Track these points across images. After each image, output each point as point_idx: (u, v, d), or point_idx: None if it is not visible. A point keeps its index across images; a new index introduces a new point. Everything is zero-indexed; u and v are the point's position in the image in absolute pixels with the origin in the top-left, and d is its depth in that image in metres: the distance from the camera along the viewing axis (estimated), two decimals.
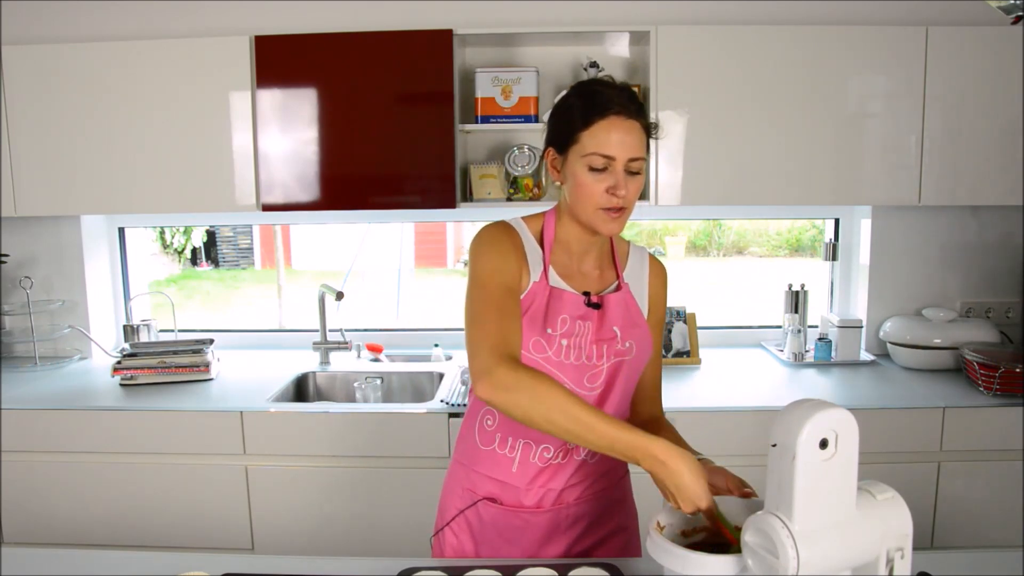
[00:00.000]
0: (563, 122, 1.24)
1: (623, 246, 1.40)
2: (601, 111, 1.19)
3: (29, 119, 2.38)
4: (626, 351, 1.30)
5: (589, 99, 1.21)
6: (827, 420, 0.84)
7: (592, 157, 1.20)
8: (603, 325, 1.28)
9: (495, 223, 1.30)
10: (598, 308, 1.29)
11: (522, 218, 1.34)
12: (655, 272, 1.40)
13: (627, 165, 1.20)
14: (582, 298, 1.28)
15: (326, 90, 2.34)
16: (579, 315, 1.27)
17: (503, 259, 1.24)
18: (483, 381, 1.10)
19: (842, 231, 2.79)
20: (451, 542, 1.36)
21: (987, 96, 2.26)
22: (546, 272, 1.28)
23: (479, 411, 1.33)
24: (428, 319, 5.76)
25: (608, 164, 1.20)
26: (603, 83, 1.24)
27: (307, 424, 2.17)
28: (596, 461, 1.33)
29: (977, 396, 2.20)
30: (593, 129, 1.20)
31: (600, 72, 2.42)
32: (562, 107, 1.26)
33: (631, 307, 1.33)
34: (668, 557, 0.95)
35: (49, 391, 2.37)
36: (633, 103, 1.22)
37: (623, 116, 1.20)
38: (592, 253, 1.33)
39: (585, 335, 1.27)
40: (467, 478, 1.35)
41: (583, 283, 1.31)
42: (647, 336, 1.34)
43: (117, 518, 2.22)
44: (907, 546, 0.89)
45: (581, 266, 1.32)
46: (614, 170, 1.20)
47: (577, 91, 1.26)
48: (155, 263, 6.73)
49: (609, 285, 1.34)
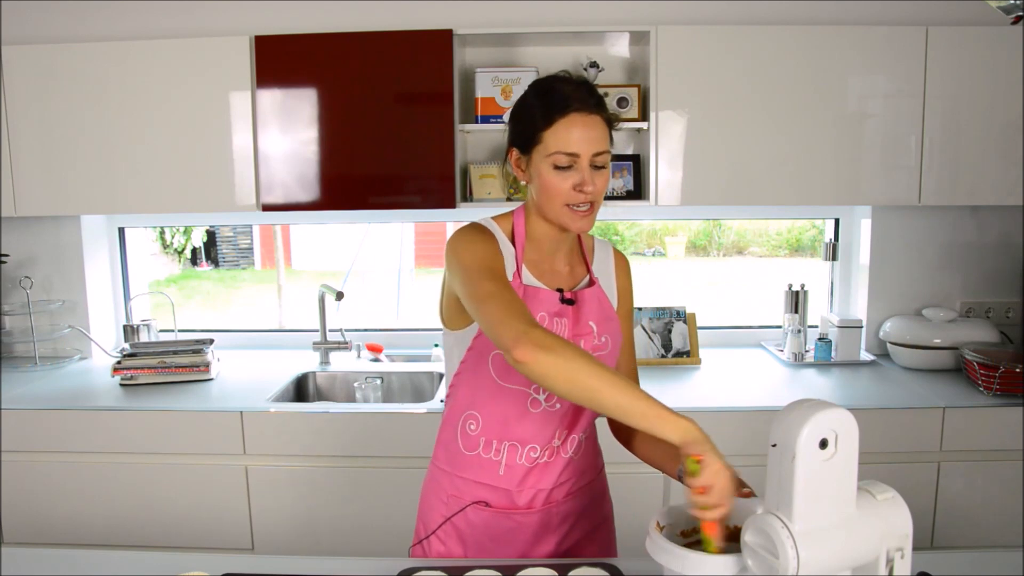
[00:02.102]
0: (524, 122, 1.23)
1: (589, 241, 1.40)
2: (561, 109, 1.18)
3: (29, 119, 2.38)
4: (602, 345, 1.31)
5: (548, 97, 1.20)
6: (827, 420, 0.84)
7: (556, 156, 1.19)
8: (579, 321, 1.29)
9: (469, 225, 1.29)
10: (572, 304, 1.29)
11: (491, 218, 1.33)
12: (619, 264, 1.41)
13: (592, 160, 1.20)
14: (556, 295, 1.28)
15: (326, 90, 2.34)
16: (555, 312, 1.27)
17: (487, 247, 1.24)
18: (521, 343, 1.02)
19: (842, 231, 2.79)
20: (439, 550, 1.35)
21: (987, 96, 2.26)
22: (519, 271, 1.28)
23: (460, 415, 1.32)
24: (428, 319, 5.75)
25: (573, 161, 1.19)
26: (560, 79, 1.23)
27: (307, 424, 2.17)
28: (580, 456, 1.34)
29: (977, 396, 2.20)
30: (555, 128, 1.19)
31: (600, 72, 2.42)
32: (522, 107, 1.25)
33: (603, 301, 1.34)
34: (668, 557, 0.95)
35: (49, 391, 2.37)
36: (592, 96, 1.21)
37: (584, 112, 1.19)
38: (562, 251, 1.33)
39: (563, 331, 1.27)
40: (451, 484, 1.34)
41: (555, 280, 1.31)
42: (618, 329, 1.35)
43: (117, 518, 2.22)
44: (907, 546, 0.89)
45: (552, 264, 1.32)
46: (579, 167, 1.19)
47: (535, 90, 1.24)
48: (155, 263, 6.73)
49: (580, 281, 1.34)
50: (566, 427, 1.30)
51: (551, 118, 1.19)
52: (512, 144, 1.27)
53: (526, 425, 1.28)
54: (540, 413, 1.28)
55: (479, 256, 1.22)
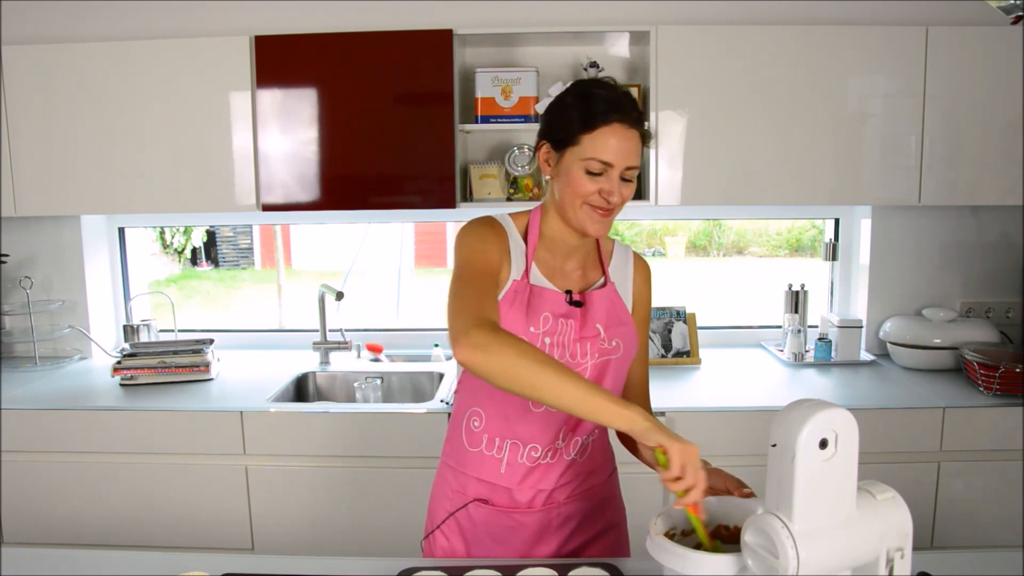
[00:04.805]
0: (564, 120, 1.23)
1: (608, 244, 1.40)
2: (604, 116, 1.19)
3: (29, 119, 2.38)
4: (613, 349, 1.30)
5: (593, 102, 1.21)
6: (827, 420, 0.84)
7: (591, 162, 1.20)
8: (586, 323, 1.29)
9: (481, 217, 1.31)
10: (580, 306, 1.29)
11: (509, 215, 1.34)
12: (639, 269, 1.40)
13: (623, 172, 1.21)
14: (564, 296, 1.28)
15: (326, 90, 2.34)
16: (561, 313, 1.27)
17: (483, 245, 1.25)
18: (459, 342, 1.07)
19: (842, 231, 2.79)
20: (442, 544, 1.36)
21: (987, 96, 2.26)
22: (528, 270, 1.28)
23: (465, 412, 1.33)
24: (428, 319, 5.75)
25: (605, 169, 1.20)
26: (608, 86, 1.24)
27: (307, 424, 2.17)
28: (585, 459, 1.33)
29: (977, 396, 2.20)
30: (596, 134, 1.19)
31: (600, 72, 2.42)
32: (564, 104, 1.25)
33: (616, 304, 1.33)
34: (668, 556, 0.95)
35: (49, 391, 2.37)
36: (635, 111, 1.22)
37: (626, 124, 1.20)
38: (577, 254, 1.33)
39: (568, 333, 1.27)
40: (456, 480, 1.35)
41: (565, 282, 1.31)
42: (633, 333, 1.34)
43: (117, 518, 2.22)
44: (907, 546, 0.89)
45: (564, 265, 1.33)
46: (610, 176, 1.21)
47: (581, 90, 1.24)
48: (155, 263, 6.73)
49: (592, 284, 1.34)
50: (570, 428, 1.29)
51: (593, 123, 1.19)
52: (545, 138, 1.28)
53: (528, 424, 1.28)
54: (542, 413, 1.27)
55: (470, 252, 1.24)
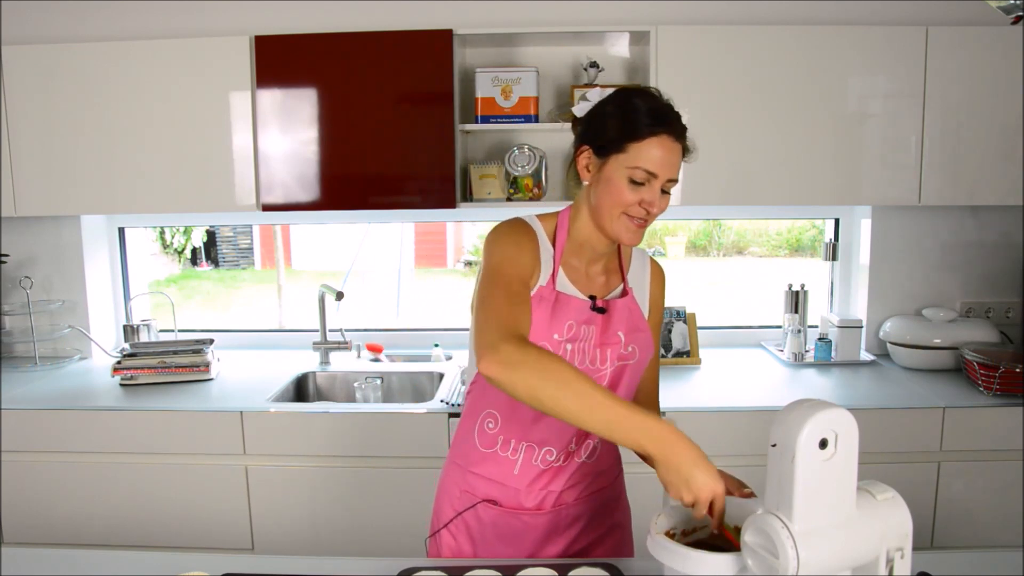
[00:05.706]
0: (610, 127, 1.22)
1: (627, 249, 1.40)
2: (654, 127, 1.19)
3: (29, 119, 2.38)
4: (629, 355, 1.30)
5: (643, 111, 1.20)
6: (827, 420, 0.84)
7: (636, 171, 1.20)
8: (607, 329, 1.29)
9: (513, 219, 1.30)
10: (603, 312, 1.29)
11: (536, 216, 1.34)
12: (655, 275, 1.41)
13: (664, 184, 1.22)
14: (588, 303, 1.28)
15: (326, 90, 2.34)
16: (584, 319, 1.27)
17: (518, 250, 1.24)
18: (487, 357, 1.05)
19: (842, 231, 2.79)
20: (449, 544, 1.36)
21: (987, 96, 2.26)
22: (555, 275, 1.28)
23: (480, 413, 1.33)
24: (428, 319, 5.76)
25: (648, 179, 1.20)
26: (657, 97, 1.24)
27: (307, 424, 2.17)
28: (594, 460, 1.33)
29: (977, 396, 2.20)
30: (645, 143, 1.19)
31: (600, 72, 2.42)
32: (610, 111, 1.24)
33: (634, 311, 1.34)
34: (668, 555, 0.95)
35: (49, 391, 2.37)
36: (681, 125, 1.23)
37: (673, 137, 1.21)
38: (602, 260, 1.34)
39: (589, 339, 1.27)
40: (464, 480, 1.35)
41: (589, 287, 1.32)
42: (649, 339, 1.35)
43: (117, 518, 2.22)
44: (907, 546, 0.89)
45: (589, 269, 1.33)
46: (652, 186, 1.21)
47: (630, 98, 1.23)
48: (155, 263, 6.73)
49: (614, 289, 1.35)
50: (584, 432, 1.29)
51: (642, 132, 1.19)
52: (587, 143, 1.26)
53: (543, 427, 1.27)
54: None
55: (504, 256, 1.23)
